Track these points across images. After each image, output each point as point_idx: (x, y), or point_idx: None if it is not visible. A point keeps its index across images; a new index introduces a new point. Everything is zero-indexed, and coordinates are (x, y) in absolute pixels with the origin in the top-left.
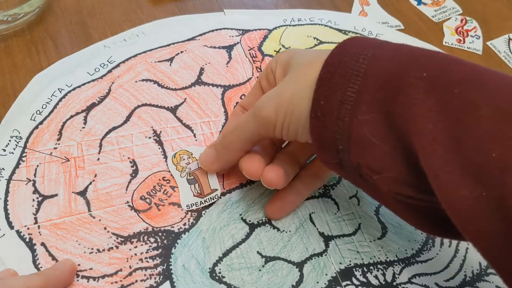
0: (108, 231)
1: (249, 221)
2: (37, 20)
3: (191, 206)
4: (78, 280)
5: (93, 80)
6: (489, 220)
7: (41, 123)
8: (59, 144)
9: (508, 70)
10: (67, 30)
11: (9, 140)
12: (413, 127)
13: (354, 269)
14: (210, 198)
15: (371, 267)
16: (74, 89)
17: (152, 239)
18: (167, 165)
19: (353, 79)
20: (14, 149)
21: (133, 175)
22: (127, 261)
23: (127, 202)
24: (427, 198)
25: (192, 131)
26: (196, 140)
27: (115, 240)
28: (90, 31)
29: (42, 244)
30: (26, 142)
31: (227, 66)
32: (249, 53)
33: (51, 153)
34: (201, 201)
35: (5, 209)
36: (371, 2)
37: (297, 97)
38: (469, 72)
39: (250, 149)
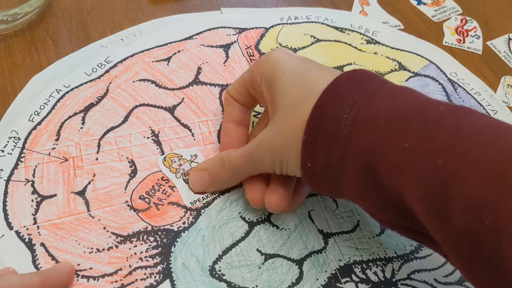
0: (107, 231)
1: (248, 219)
2: (37, 20)
3: (195, 202)
4: (78, 280)
5: (90, 81)
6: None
7: (39, 123)
8: (57, 144)
9: (508, 70)
10: (67, 30)
11: (8, 141)
12: (404, 195)
13: (353, 266)
14: (212, 192)
15: (370, 264)
16: (72, 89)
17: (151, 238)
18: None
19: (335, 145)
20: (12, 149)
21: (132, 175)
22: (127, 260)
23: (126, 201)
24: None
25: (190, 130)
26: (194, 139)
27: (114, 240)
28: (90, 31)
29: (42, 244)
30: (25, 142)
31: (225, 65)
32: (246, 51)
33: (49, 153)
34: (203, 196)
35: (4, 210)
36: (371, 2)
37: (288, 151)
38: (451, 138)
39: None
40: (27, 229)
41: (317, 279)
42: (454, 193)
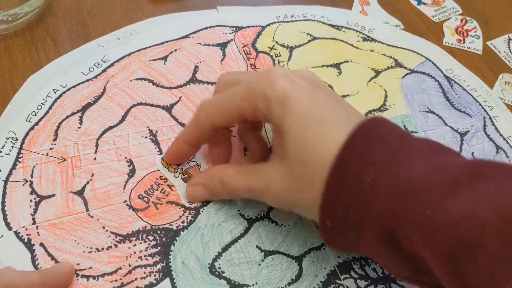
0: (106, 230)
1: (247, 216)
2: (37, 20)
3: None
4: (78, 280)
5: (87, 80)
6: None
7: (36, 124)
8: (55, 144)
9: (508, 70)
10: (67, 30)
11: (5, 142)
12: (423, 256)
13: (352, 263)
14: None
15: (369, 261)
16: (69, 89)
17: (151, 237)
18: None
19: (356, 206)
20: (10, 150)
21: (130, 174)
22: (127, 259)
23: (125, 201)
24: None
25: None
26: None
27: (114, 239)
28: (90, 31)
29: (41, 244)
30: (22, 143)
31: (222, 64)
32: (243, 50)
33: (47, 153)
34: None
35: (3, 210)
36: (371, 1)
37: (301, 206)
38: (470, 208)
39: None
40: (26, 229)
41: (317, 276)
42: (474, 259)
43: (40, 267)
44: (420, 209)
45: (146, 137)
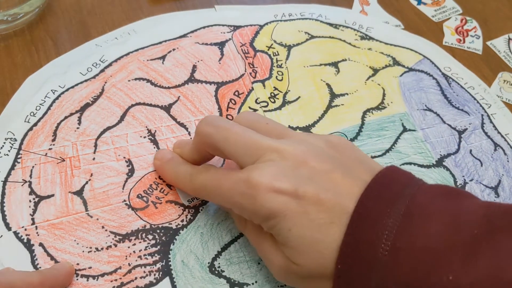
0: (106, 230)
1: None
2: (37, 20)
3: (192, 200)
4: (77, 279)
5: (86, 80)
6: None
7: (35, 124)
8: (54, 145)
9: (508, 70)
10: (67, 30)
11: (4, 142)
12: None
13: None
14: None
15: None
16: (67, 90)
17: (150, 236)
18: None
19: (373, 274)
20: (9, 151)
21: (129, 174)
22: (126, 258)
23: (124, 200)
24: None
25: (186, 129)
26: (191, 138)
27: (113, 239)
28: (90, 31)
29: (40, 244)
30: (21, 143)
31: (220, 63)
32: (241, 49)
33: (46, 154)
34: None
35: (2, 211)
36: (371, 1)
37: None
38: (493, 269)
39: None
40: (25, 229)
41: None
42: None
43: (40, 267)
44: (441, 275)
45: (144, 137)
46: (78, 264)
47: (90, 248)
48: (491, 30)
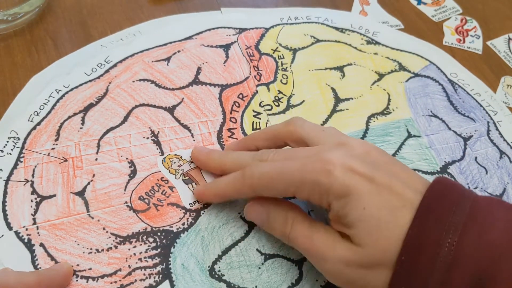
0: (107, 231)
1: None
2: (37, 20)
3: (194, 203)
4: (77, 280)
5: (90, 81)
6: None
7: (38, 124)
8: (56, 144)
9: (508, 70)
10: (67, 30)
11: (7, 141)
12: None
13: None
14: None
15: None
16: (71, 89)
17: (151, 239)
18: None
19: (436, 270)
20: (12, 150)
21: (131, 175)
22: (126, 260)
23: (126, 202)
24: None
25: (190, 131)
26: (194, 140)
27: (114, 240)
28: (90, 30)
29: (41, 244)
30: (24, 143)
31: (225, 65)
32: (246, 52)
33: (49, 153)
34: None
35: (4, 210)
36: (371, 1)
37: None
38: None
39: None
40: (27, 229)
41: (317, 280)
42: None
43: (40, 268)
44: (508, 268)
45: (147, 138)
46: (78, 265)
47: (91, 249)
48: (491, 30)
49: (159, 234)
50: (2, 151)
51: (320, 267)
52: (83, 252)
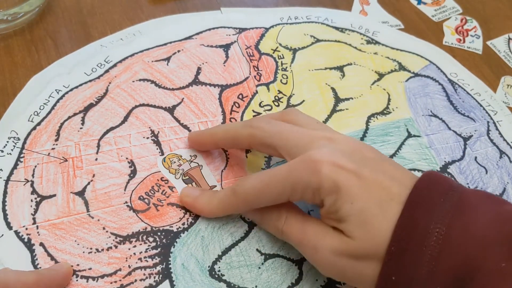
0: (107, 231)
1: (248, 219)
2: (37, 20)
3: None
4: (77, 280)
5: (90, 81)
6: None
7: (38, 124)
8: (57, 144)
9: (508, 70)
10: (67, 30)
11: (7, 141)
12: None
13: None
14: None
15: None
16: (71, 90)
17: (151, 239)
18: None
19: (424, 259)
20: (12, 150)
21: (131, 175)
22: (126, 260)
23: (126, 202)
24: None
25: (189, 131)
26: None
27: (114, 240)
28: (90, 30)
29: (41, 244)
30: (24, 143)
31: (224, 66)
32: (246, 52)
33: (49, 153)
34: None
35: (4, 210)
36: (371, 1)
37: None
38: None
39: None
40: (26, 229)
41: (317, 280)
42: None
43: (40, 267)
44: (495, 262)
45: (147, 138)
46: (78, 265)
47: (91, 249)
48: (491, 30)
49: (159, 234)
50: (2, 151)
51: (311, 258)
52: (83, 252)
